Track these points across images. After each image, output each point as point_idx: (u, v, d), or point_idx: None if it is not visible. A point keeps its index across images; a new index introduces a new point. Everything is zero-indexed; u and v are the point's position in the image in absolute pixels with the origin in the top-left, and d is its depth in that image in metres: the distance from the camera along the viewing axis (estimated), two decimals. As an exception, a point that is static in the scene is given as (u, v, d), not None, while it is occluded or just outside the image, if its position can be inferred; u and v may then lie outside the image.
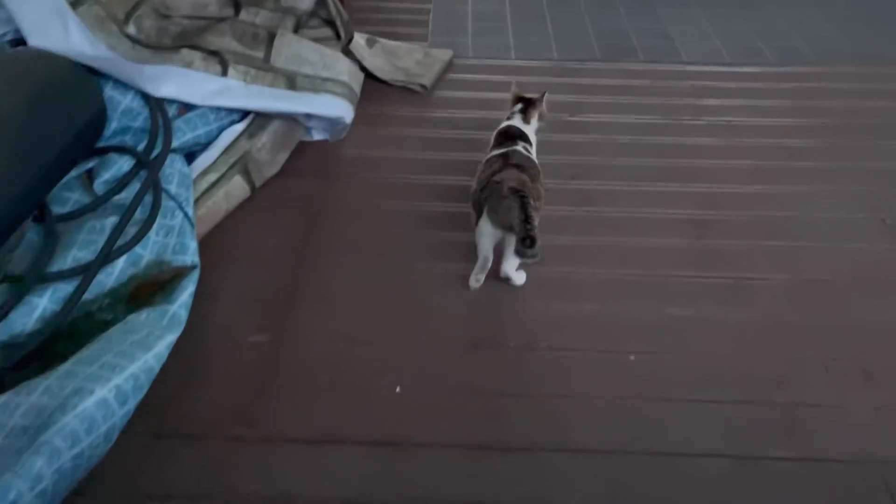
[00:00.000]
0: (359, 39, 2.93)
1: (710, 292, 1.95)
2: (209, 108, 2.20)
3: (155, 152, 2.03)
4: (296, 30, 2.42)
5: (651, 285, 1.97)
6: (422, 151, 2.50)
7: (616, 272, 2.01)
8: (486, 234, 1.86)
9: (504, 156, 1.96)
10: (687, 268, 2.03)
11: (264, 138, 2.26)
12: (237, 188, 2.18)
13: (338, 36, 2.51)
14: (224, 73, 2.18)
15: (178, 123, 2.13)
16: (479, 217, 1.88)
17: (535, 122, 2.16)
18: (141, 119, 2.10)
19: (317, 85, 2.31)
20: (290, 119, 2.34)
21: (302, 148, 2.45)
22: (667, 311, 1.89)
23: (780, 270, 2.02)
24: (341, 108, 2.35)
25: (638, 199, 2.29)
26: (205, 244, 2.01)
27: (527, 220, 1.72)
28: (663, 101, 2.81)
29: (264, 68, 2.24)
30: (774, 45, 3.20)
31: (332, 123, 2.41)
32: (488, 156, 2.02)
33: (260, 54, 2.24)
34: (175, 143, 2.09)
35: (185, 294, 1.78)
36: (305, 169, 2.39)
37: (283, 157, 2.34)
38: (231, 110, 2.24)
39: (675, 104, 2.79)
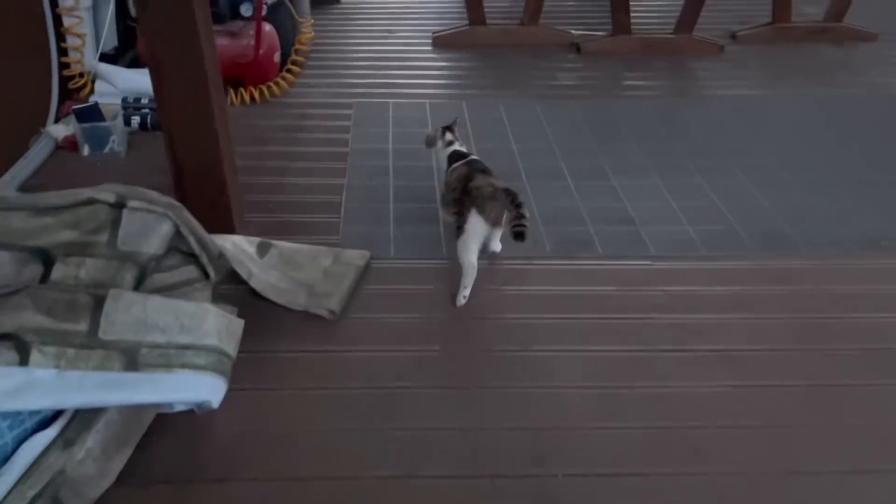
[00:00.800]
0: (247, 247, 2.29)
1: None
2: (1, 414, 1.49)
3: None
4: (140, 282, 1.75)
5: None
6: (331, 423, 1.83)
7: None
8: (478, 232, 2.20)
9: (468, 164, 2.37)
10: None
11: (89, 443, 1.55)
12: (40, 536, 1.45)
13: (206, 275, 1.86)
14: (24, 361, 1.49)
15: (-57, 449, 1.41)
16: (464, 221, 2.20)
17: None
18: None
19: (170, 358, 1.63)
20: (134, 402, 1.65)
21: (154, 428, 1.74)
22: None
23: None
24: (206, 388, 1.67)
25: (623, 498, 1.66)
26: None
27: (520, 215, 2.13)
28: (635, 318, 2.23)
29: (88, 345, 1.56)
30: (753, 227, 2.69)
31: (196, 399, 1.73)
32: (451, 167, 2.44)
33: (82, 327, 1.56)
34: (-65, 485, 1.37)
35: None
36: (155, 469, 1.68)
37: (120, 460, 1.62)
38: (37, 410, 1.54)
39: (651, 324, 2.21)
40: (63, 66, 3.34)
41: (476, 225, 2.19)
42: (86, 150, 3.04)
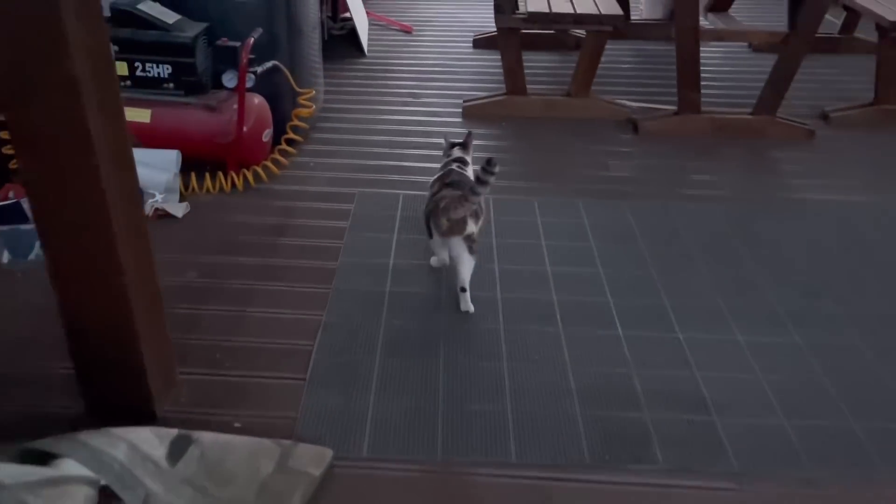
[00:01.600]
0: (154, 448, 1.63)
1: None
2: None
3: None
4: None
5: None
6: None
7: None
8: (436, 243, 2.32)
9: (440, 178, 2.37)
10: None
11: None
12: None
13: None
14: None
15: None
16: (429, 232, 2.31)
17: (470, 154, 2.53)
18: None
19: None
20: None
21: None
22: None
23: None
24: None
25: None
26: None
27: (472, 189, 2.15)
28: None
29: None
30: (876, 424, 1.91)
31: None
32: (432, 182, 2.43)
33: None
34: None
35: None
36: None
37: None
38: None
39: None
40: (2, 142, 2.75)
41: (435, 236, 2.28)
42: (5, 258, 2.43)
